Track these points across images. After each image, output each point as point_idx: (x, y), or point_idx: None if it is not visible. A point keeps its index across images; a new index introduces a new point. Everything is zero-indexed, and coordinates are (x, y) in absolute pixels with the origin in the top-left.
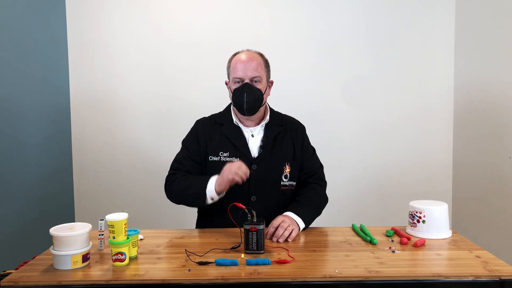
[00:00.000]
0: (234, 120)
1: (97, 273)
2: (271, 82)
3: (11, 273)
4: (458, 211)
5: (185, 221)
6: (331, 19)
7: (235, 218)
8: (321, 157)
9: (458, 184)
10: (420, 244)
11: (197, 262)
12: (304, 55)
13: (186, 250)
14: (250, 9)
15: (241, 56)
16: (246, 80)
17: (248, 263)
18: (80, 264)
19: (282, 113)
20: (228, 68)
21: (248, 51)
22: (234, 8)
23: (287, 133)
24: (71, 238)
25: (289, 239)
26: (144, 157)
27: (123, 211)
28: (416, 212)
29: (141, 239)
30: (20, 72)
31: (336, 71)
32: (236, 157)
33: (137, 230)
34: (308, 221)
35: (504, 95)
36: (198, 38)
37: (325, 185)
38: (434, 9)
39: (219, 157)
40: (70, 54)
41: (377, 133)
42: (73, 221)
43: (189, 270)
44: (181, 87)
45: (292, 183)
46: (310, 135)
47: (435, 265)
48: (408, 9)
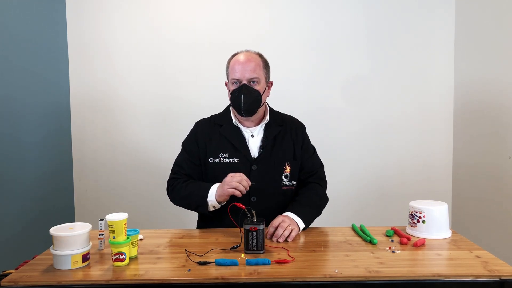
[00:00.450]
0: (234, 120)
1: (97, 273)
2: (271, 83)
3: (11, 273)
4: (458, 211)
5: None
6: (331, 19)
7: (235, 218)
8: (321, 157)
9: (458, 184)
10: (420, 244)
11: (197, 262)
12: (304, 55)
13: (186, 250)
14: (250, 9)
15: (240, 57)
16: (244, 82)
17: (248, 263)
18: (80, 264)
19: (282, 112)
20: (227, 69)
21: (247, 51)
22: (234, 8)
23: (287, 132)
24: (71, 238)
25: (289, 239)
26: (144, 157)
27: (123, 211)
28: (416, 212)
29: (141, 239)
30: (20, 72)
31: (336, 71)
32: (236, 158)
33: (137, 230)
34: (308, 221)
35: (504, 95)
36: (198, 38)
37: (325, 185)
38: (434, 9)
39: (219, 158)
40: (70, 54)
41: (377, 133)
42: (73, 221)
43: (189, 270)
44: (181, 87)
45: (293, 183)
46: (310, 135)
47: (435, 265)
48: (408, 9)
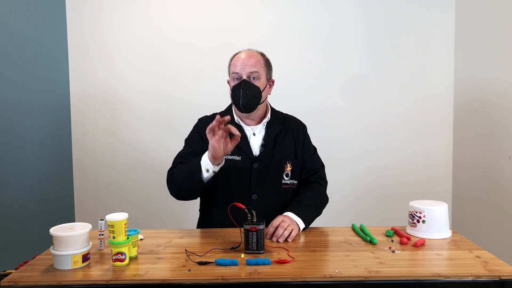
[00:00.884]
0: (236, 118)
1: (97, 273)
2: (272, 81)
3: (11, 273)
4: (458, 211)
5: (185, 221)
6: (331, 19)
7: (235, 218)
8: (321, 157)
9: (458, 184)
10: (420, 244)
11: (197, 262)
12: (304, 55)
13: (186, 250)
14: (250, 9)
15: (241, 54)
16: (244, 77)
17: (248, 263)
18: (80, 264)
19: (284, 112)
20: (229, 66)
21: (249, 50)
22: (234, 8)
23: (289, 131)
24: (71, 238)
25: (289, 239)
26: (144, 157)
27: (123, 211)
28: (416, 212)
29: (141, 239)
30: (20, 72)
31: (336, 71)
32: (238, 156)
33: (137, 230)
34: (308, 221)
35: (504, 95)
36: (198, 38)
37: (325, 185)
38: (434, 9)
39: None
40: (70, 54)
41: (377, 133)
42: (73, 221)
43: (189, 270)
44: (181, 87)
45: (294, 181)
46: (310, 135)
47: (435, 265)
48: (408, 9)
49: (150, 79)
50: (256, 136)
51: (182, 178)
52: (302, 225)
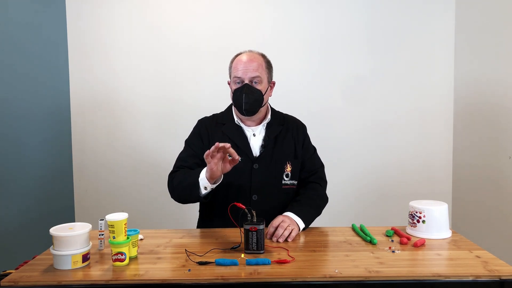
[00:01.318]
0: (236, 119)
1: (97, 273)
2: (273, 83)
3: (11, 273)
4: (458, 211)
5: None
6: (332, 20)
7: (235, 218)
8: (321, 157)
9: (458, 184)
10: (420, 244)
11: (197, 262)
12: (305, 56)
13: (186, 250)
14: (250, 10)
15: (243, 56)
16: (246, 81)
17: (248, 263)
18: (80, 264)
19: (283, 112)
20: (230, 68)
21: (250, 51)
22: (234, 9)
23: (288, 132)
24: (71, 238)
25: (289, 239)
26: (144, 158)
27: (123, 211)
28: (416, 212)
29: (141, 239)
30: (20, 73)
31: (336, 71)
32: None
33: (137, 230)
34: (308, 221)
35: (504, 95)
36: (198, 40)
37: (325, 185)
38: (434, 9)
39: None
40: (70, 55)
41: (377, 133)
42: (73, 221)
43: (189, 270)
44: (181, 89)
45: (294, 182)
46: (310, 135)
47: (435, 265)
48: (408, 10)
49: (150, 81)
50: (256, 137)
51: (181, 190)
52: (302, 225)
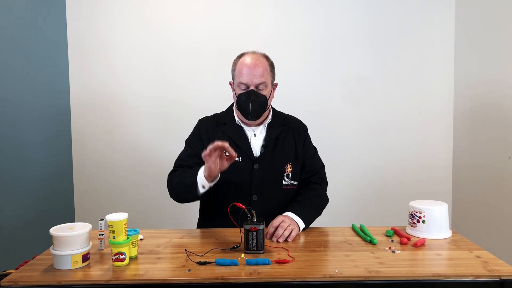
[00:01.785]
0: (237, 120)
1: (97, 273)
2: (275, 85)
3: (11, 273)
4: (458, 211)
5: (185, 221)
6: (332, 20)
7: (235, 218)
8: (322, 157)
9: (458, 184)
10: (420, 244)
11: (197, 262)
12: (305, 56)
13: (186, 250)
14: (251, 11)
15: (247, 59)
16: (252, 87)
17: (248, 263)
18: (80, 264)
19: (284, 113)
20: (234, 70)
21: (254, 53)
22: (234, 10)
23: (289, 132)
24: (71, 238)
25: (289, 239)
26: (144, 158)
27: (123, 211)
28: (416, 212)
29: (141, 239)
30: (20, 74)
31: (337, 71)
32: (239, 157)
33: (137, 230)
34: (308, 221)
35: (504, 95)
36: (198, 40)
37: (326, 185)
38: (434, 9)
39: None
40: (70, 55)
41: (377, 133)
42: (73, 221)
43: (189, 270)
44: (180, 89)
45: (294, 182)
46: (310, 135)
47: (435, 265)
48: (408, 10)
49: (150, 81)
50: (257, 137)
51: (180, 190)
52: (302, 225)
